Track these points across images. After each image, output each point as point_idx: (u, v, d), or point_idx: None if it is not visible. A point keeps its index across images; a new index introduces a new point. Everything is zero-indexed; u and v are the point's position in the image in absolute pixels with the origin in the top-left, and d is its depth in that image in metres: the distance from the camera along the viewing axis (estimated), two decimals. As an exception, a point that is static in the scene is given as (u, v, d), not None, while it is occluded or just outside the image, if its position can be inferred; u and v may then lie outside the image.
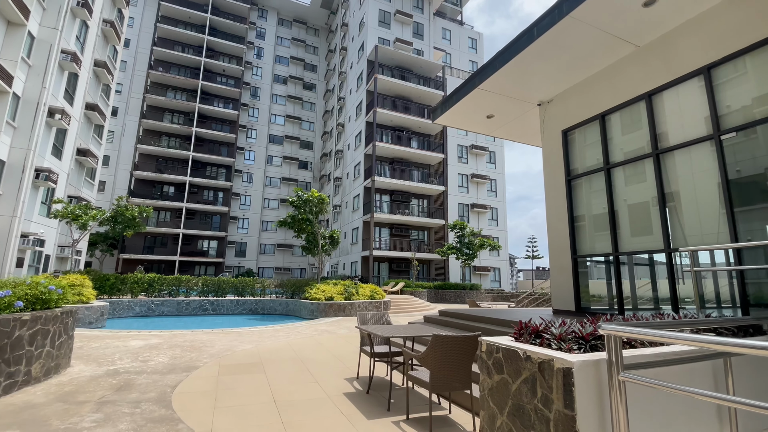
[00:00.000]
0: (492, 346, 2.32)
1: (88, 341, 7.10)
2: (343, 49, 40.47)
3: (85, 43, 19.58)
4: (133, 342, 7.16)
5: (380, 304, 13.61)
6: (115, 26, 23.88)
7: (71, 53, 17.13)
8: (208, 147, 40.35)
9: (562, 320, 2.41)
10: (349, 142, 35.04)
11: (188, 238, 38.03)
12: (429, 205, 31.49)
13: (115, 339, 7.40)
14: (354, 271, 30.00)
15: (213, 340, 7.54)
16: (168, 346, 6.86)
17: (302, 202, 13.79)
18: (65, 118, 17.10)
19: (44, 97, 15.82)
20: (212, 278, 13.76)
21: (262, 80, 46.74)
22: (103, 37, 23.58)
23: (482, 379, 2.39)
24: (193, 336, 7.96)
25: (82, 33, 19.24)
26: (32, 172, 15.48)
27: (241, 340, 7.64)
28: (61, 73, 17.44)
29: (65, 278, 9.37)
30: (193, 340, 7.49)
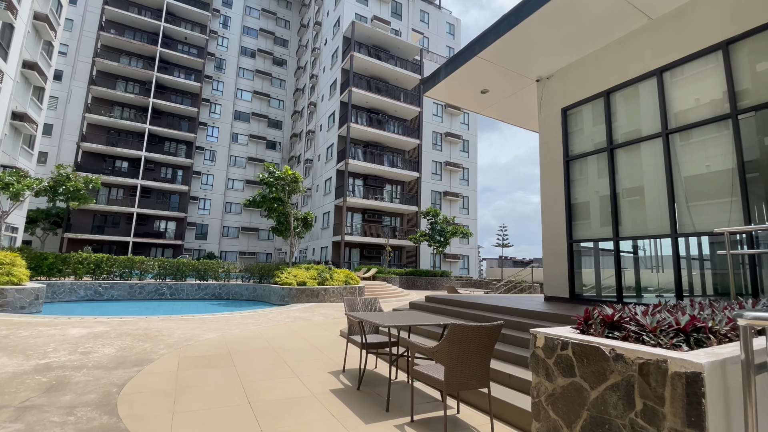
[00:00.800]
0: (555, 341, 1.79)
1: (16, 329, 5.99)
2: (317, 23, 38.57)
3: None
4: (73, 330, 6.12)
5: (355, 290, 13.04)
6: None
7: (6, 1, 14.77)
8: (167, 120, 37.43)
9: (645, 308, 1.91)
10: (321, 123, 33.69)
11: (143, 218, 35.40)
12: (403, 191, 31.06)
13: (50, 326, 6.31)
14: (324, 256, 29.18)
15: (171, 328, 6.64)
16: (116, 335, 5.92)
17: (274, 180, 12.75)
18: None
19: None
20: (171, 260, 12.54)
21: (228, 52, 43.81)
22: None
23: (536, 382, 1.87)
24: (148, 323, 7.01)
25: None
26: (-48, 134, 13.32)
27: (205, 328, 6.80)
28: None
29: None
30: (147, 328, 6.56)
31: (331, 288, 12.03)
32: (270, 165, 13.19)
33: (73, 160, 33.38)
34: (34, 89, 21.18)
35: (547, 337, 1.84)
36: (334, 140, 29.74)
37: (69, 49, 35.94)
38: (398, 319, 3.61)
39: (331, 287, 12.09)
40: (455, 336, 2.71)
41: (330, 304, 11.43)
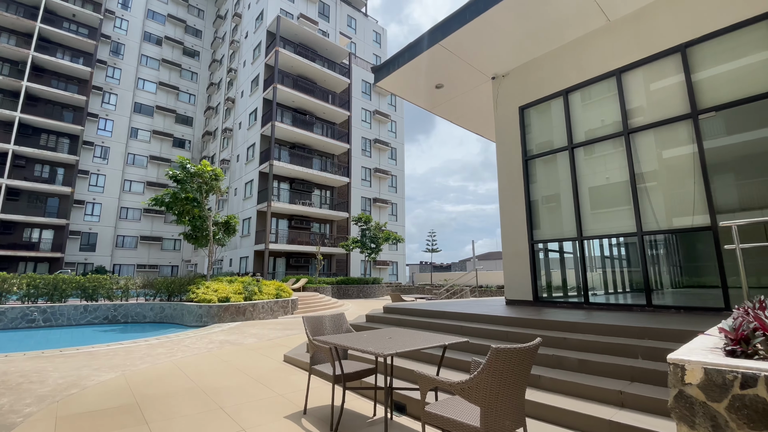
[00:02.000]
0: (727, 374, 1.17)
1: None
2: (237, 15, 35.74)
3: None
4: None
5: (287, 303, 11.67)
6: None
7: None
8: (46, 109, 30.99)
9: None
10: (241, 120, 31.00)
11: (9, 226, 28.58)
12: (332, 197, 29.95)
13: None
14: (244, 267, 26.56)
15: (44, 369, 4.81)
16: (-54, 391, 4.00)
17: (188, 176, 10.72)
18: None
19: None
20: (45, 276, 9.75)
21: (128, 36, 38.24)
22: None
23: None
24: (7, 364, 5.03)
25: None
26: None
27: (97, 366, 5.08)
28: None
29: None
30: (5, 372, 4.65)
31: (260, 303, 10.53)
32: (183, 159, 11.09)
33: None
34: None
35: (708, 369, 1.22)
36: (256, 140, 27.46)
37: None
38: (391, 343, 2.78)
39: (261, 302, 10.59)
40: (498, 364, 2.00)
41: (260, 322, 9.96)
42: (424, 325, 4.87)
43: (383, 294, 25.56)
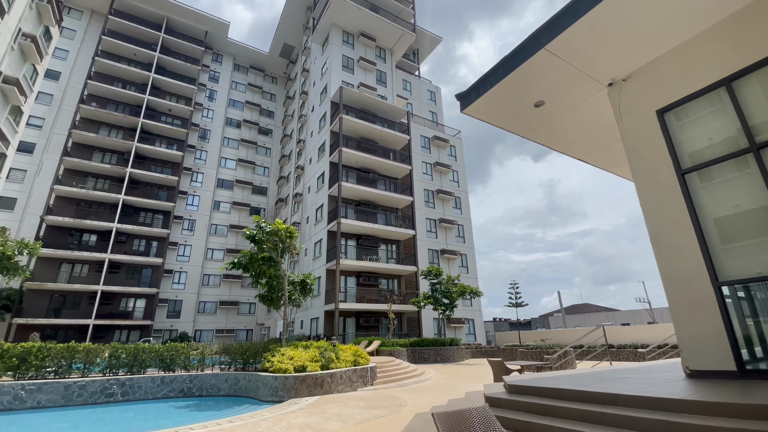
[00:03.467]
0: None
1: None
2: (304, 93, 39.40)
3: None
4: None
5: (366, 372, 10.26)
6: (37, 42, 20.34)
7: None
8: (144, 190, 35.45)
9: None
10: (309, 185, 32.44)
11: (108, 297, 31.48)
12: (398, 251, 29.01)
13: None
14: (315, 329, 25.82)
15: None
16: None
17: (265, 236, 10.51)
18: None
19: None
20: (127, 346, 9.64)
21: (213, 122, 43.79)
22: (20, 52, 19.85)
23: None
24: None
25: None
26: None
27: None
28: (-59, 76, 13.44)
29: None
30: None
31: (338, 373, 9.28)
32: (259, 219, 11.02)
33: (35, 235, 30.19)
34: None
35: None
36: (323, 200, 28.19)
37: (45, 123, 34.80)
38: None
39: (339, 371, 9.34)
40: None
41: (340, 396, 8.64)
42: (593, 418, 3.25)
43: (463, 357, 22.83)
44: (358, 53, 34.83)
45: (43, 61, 22.06)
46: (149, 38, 39.97)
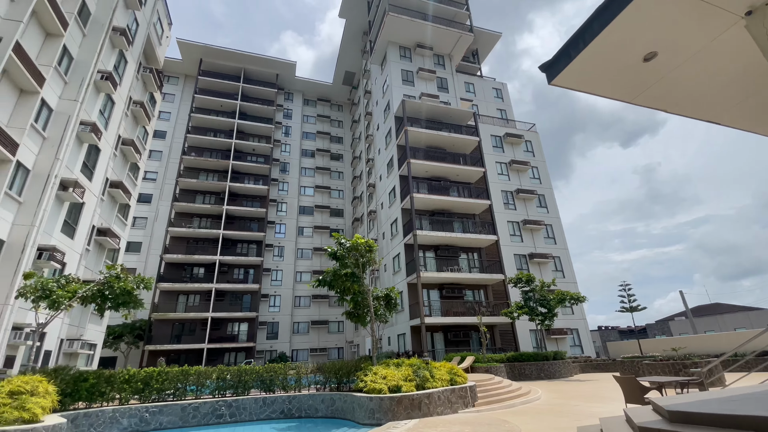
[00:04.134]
0: None
1: None
2: (368, 114, 40.51)
3: (109, 118, 19.00)
4: None
5: (466, 392, 9.38)
6: (145, 108, 23.98)
7: (90, 124, 16.20)
8: (239, 224, 39.24)
9: None
10: (382, 201, 32.74)
11: (217, 322, 34.94)
12: (481, 259, 27.44)
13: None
14: (403, 345, 25.32)
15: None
16: None
17: (345, 252, 10.50)
18: (78, 191, 15.52)
19: (56, 168, 14.39)
20: (231, 368, 10.19)
21: (291, 155, 47.21)
22: (132, 117, 23.56)
23: None
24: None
25: (107, 108, 18.73)
26: (33, 251, 13.38)
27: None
28: (80, 145, 16.36)
29: (11, 382, 6.20)
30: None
31: (435, 393, 8.58)
32: (339, 235, 11.09)
33: (156, 272, 35.07)
34: (120, 206, 22.69)
35: None
36: (397, 215, 28.09)
37: (158, 176, 40.82)
38: None
39: (435, 391, 8.64)
40: None
41: (440, 419, 7.92)
42: None
43: (570, 372, 20.30)
44: (417, 64, 34.84)
45: (150, 123, 25.87)
46: (231, 89, 45.02)
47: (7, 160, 12.25)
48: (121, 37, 18.52)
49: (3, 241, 12.76)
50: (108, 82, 17.38)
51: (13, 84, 12.79)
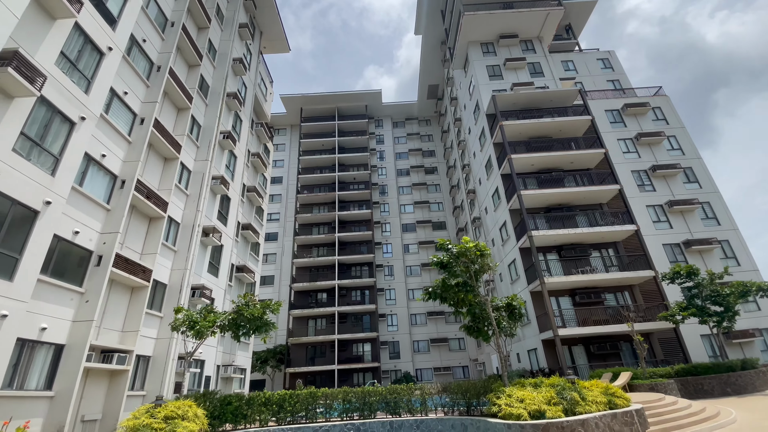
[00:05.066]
0: None
1: None
2: (457, 120, 39.39)
3: (234, 171, 22.08)
4: None
5: (632, 417, 7.40)
6: (261, 158, 27.38)
7: (219, 177, 18.95)
8: (350, 248, 41.44)
9: None
10: (485, 205, 30.77)
11: (343, 344, 36.76)
12: (618, 255, 23.20)
13: None
14: (535, 362, 22.55)
15: None
16: None
17: (453, 259, 9.59)
18: (217, 236, 18.07)
19: (198, 219, 17.03)
20: (355, 390, 10.07)
21: (388, 178, 48.60)
22: (252, 167, 27.07)
23: None
24: None
25: (231, 162, 21.83)
26: (188, 291, 15.83)
27: None
28: (213, 196, 19.23)
29: (166, 408, 6.98)
30: None
31: (590, 419, 6.92)
32: (444, 240, 10.24)
33: (288, 301, 39.00)
34: (251, 245, 25.89)
35: None
36: (505, 217, 25.87)
37: (280, 215, 46.19)
38: None
39: (591, 417, 6.96)
40: None
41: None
42: None
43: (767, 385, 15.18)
44: (502, 56, 32.72)
45: (267, 170, 29.37)
46: (329, 129, 49.12)
47: (160, 217, 14.94)
48: (234, 100, 21.62)
49: (165, 284, 15.43)
50: (229, 140, 20.28)
51: (158, 154, 15.77)
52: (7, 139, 8.90)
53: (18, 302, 8.82)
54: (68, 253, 11.25)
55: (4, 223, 8.68)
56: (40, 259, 9.52)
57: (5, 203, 8.76)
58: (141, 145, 13.98)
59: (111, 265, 11.91)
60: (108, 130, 13.10)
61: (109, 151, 13.00)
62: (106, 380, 12.28)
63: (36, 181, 9.49)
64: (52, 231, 9.95)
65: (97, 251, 12.04)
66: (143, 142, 14.03)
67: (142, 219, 14.68)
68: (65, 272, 11.07)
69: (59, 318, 10.62)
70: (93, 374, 11.80)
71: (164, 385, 13.80)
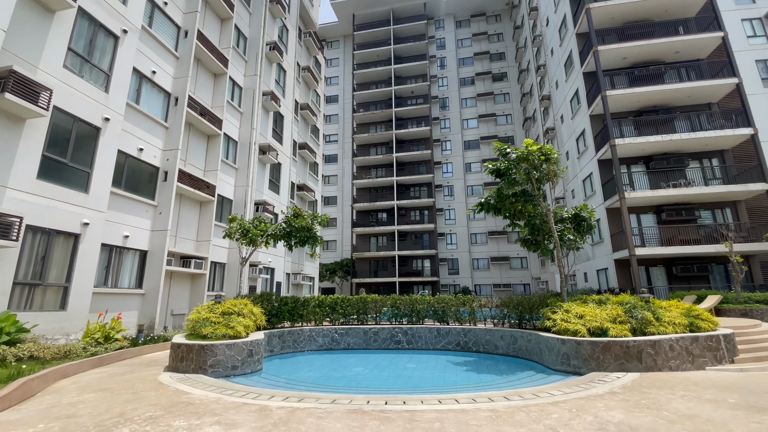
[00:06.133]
0: None
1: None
2: (533, 10, 33.29)
3: (285, 86, 21.51)
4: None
5: (718, 342, 6.34)
6: (312, 72, 26.21)
7: (270, 93, 18.55)
8: (409, 169, 40.55)
9: None
10: (561, 113, 27.01)
11: (404, 259, 38.19)
12: (724, 165, 19.37)
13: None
14: (604, 283, 21.18)
15: None
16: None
17: (512, 165, 8.25)
18: (273, 153, 18.35)
19: (254, 136, 17.22)
20: (403, 298, 10.14)
21: (449, 89, 44.60)
22: (304, 83, 26.18)
23: None
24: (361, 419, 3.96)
25: (281, 77, 21.16)
26: (252, 206, 16.72)
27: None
28: (266, 114, 19.11)
29: (224, 305, 7.54)
30: None
31: (664, 340, 6.03)
32: (500, 144, 8.79)
33: (350, 220, 40.64)
34: (310, 165, 26.28)
35: None
36: (584, 125, 22.51)
37: (339, 137, 45.95)
38: None
39: (665, 338, 6.06)
40: None
41: (673, 377, 5.51)
42: None
43: None
44: None
45: (319, 86, 28.31)
46: (383, 36, 44.98)
47: (216, 135, 15.26)
48: (277, 5, 20.06)
49: (231, 200, 16.37)
50: (275, 51, 19.33)
51: (207, 70, 15.57)
52: (57, 54, 9.04)
53: (96, 212, 9.79)
54: (137, 170, 12.09)
55: (70, 139, 9.25)
56: (109, 172, 10.28)
57: (67, 120, 9.24)
58: (188, 60, 13.75)
59: (176, 179, 12.66)
60: (154, 44, 12.93)
61: (158, 67, 12.99)
62: (188, 282, 14.00)
63: (92, 98, 9.80)
64: (115, 147, 10.55)
65: (162, 167, 12.80)
66: (189, 56, 13.76)
67: (201, 137, 15.14)
68: (138, 187, 12.03)
69: (139, 228, 11.83)
70: (176, 277, 13.46)
71: (239, 288, 15.46)
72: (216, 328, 6.77)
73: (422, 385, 6.20)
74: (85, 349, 8.51)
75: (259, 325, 8.34)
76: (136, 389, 5.35)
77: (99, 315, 9.56)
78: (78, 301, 9.26)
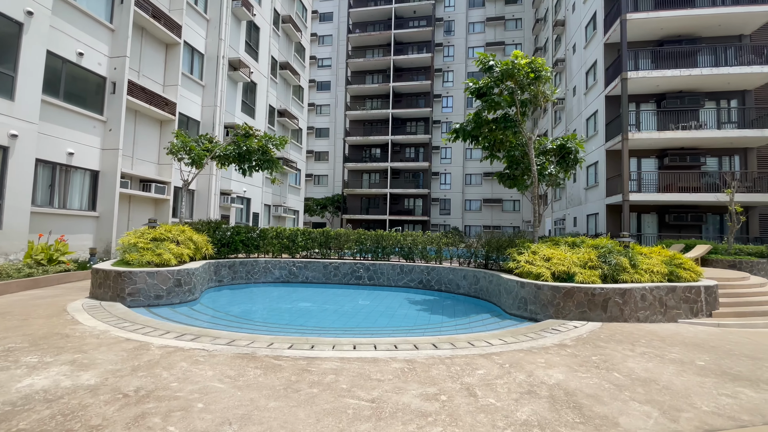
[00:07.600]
0: None
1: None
2: None
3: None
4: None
5: (697, 293, 5.69)
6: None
7: None
8: (406, 101, 37.97)
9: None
10: (574, 41, 24.31)
11: (395, 198, 37.45)
12: (744, 108, 17.68)
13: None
14: (593, 228, 20.60)
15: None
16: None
17: (494, 82, 6.87)
18: (245, 70, 16.50)
19: (222, 49, 15.30)
20: (369, 233, 9.42)
21: (456, 10, 40.15)
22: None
23: None
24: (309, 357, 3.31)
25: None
26: (221, 129, 15.37)
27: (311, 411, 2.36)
28: (238, 23, 16.85)
29: (157, 230, 6.75)
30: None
31: (635, 289, 5.35)
32: (483, 55, 7.34)
33: (342, 154, 39.05)
34: (294, 89, 24.18)
35: None
36: (597, 55, 20.22)
37: (332, 61, 42.31)
38: None
39: (637, 287, 5.38)
40: None
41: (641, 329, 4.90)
42: None
43: None
44: None
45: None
46: (385, -59, 39.33)
47: (175, 44, 13.40)
48: None
49: (198, 121, 14.99)
50: (247, -54, 16.44)
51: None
52: None
53: (26, 122, 8.59)
54: (79, 78, 10.59)
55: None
56: (38, 77, 8.88)
57: (-29, 7, 7.67)
58: (132, -55, 11.48)
59: (125, 92, 11.23)
60: None
61: (93, -49, 10.83)
62: (151, 207, 13.20)
63: (-1, -20, 8.08)
64: (43, 46, 9.01)
65: (110, 77, 11.27)
66: (133, -60, 11.47)
67: (157, 45, 13.29)
68: (82, 99, 10.63)
69: (87, 145, 10.68)
70: (137, 201, 12.62)
71: (209, 216, 14.76)
72: (142, 255, 6.05)
73: (365, 325, 5.66)
74: (20, 270, 7.96)
75: (206, 254, 7.67)
76: (32, 315, 4.75)
77: (39, 235, 8.87)
78: (14, 219, 8.50)
